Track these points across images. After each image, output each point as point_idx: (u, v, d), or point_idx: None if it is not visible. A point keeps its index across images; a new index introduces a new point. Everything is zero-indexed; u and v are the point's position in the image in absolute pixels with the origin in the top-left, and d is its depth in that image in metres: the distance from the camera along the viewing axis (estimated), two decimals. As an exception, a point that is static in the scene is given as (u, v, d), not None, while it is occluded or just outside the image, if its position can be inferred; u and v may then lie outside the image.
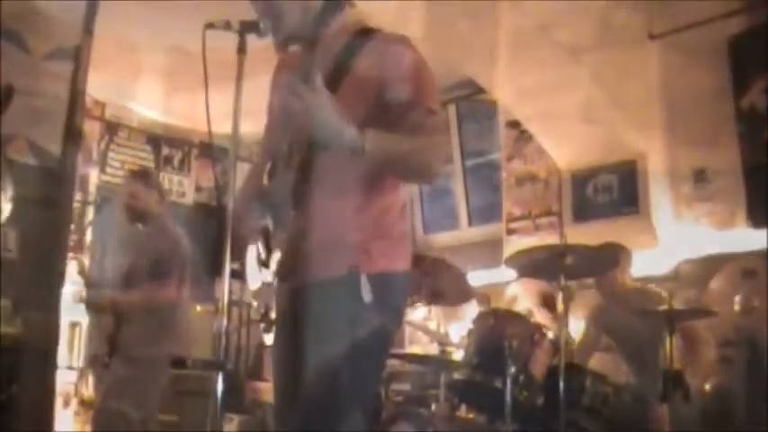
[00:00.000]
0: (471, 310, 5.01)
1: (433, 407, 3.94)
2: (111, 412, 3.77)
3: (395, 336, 1.93)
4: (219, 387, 1.69)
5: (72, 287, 6.07)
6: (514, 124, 5.63)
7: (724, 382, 4.20)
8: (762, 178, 4.40)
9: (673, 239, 4.76)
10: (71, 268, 6.02)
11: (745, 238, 4.44)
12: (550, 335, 3.53)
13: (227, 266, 1.68)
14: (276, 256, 1.82)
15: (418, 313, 5.93)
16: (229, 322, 1.70)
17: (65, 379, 6.01)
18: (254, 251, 1.93)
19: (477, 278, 5.45)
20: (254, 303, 1.89)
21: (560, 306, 3.47)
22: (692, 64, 4.84)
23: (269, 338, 1.83)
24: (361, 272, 1.77)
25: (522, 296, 5.17)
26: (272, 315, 1.81)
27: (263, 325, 1.84)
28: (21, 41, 2.99)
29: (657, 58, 5.00)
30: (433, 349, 4.90)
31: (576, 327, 4.67)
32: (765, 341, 4.01)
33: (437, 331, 4.89)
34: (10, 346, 2.85)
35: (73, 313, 6.26)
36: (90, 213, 6.35)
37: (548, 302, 4.26)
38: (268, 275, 1.84)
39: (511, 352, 3.28)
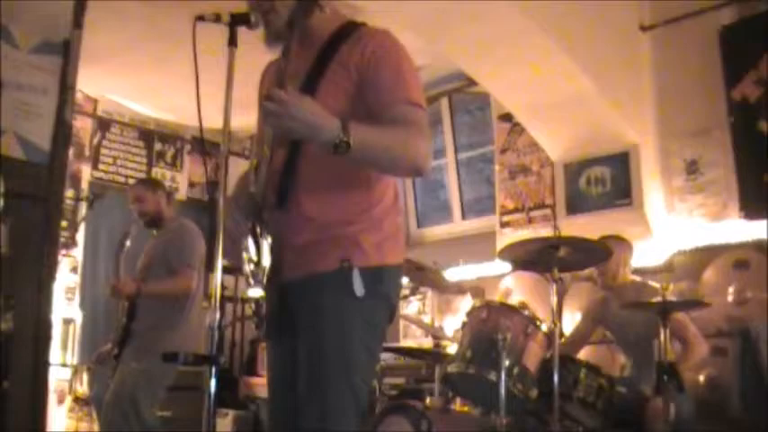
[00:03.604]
0: (465, 303, 5.01)
1: (428, 400, 3.94)
2: (123, 405, 3.76)
3: (387, 330, 1.91)
4: (213, 382, 1.68)
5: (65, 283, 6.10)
6: (507, 117, 5.63)
7: (717, 372, 4.22)
8: (754, 169, 4.41)
9: (666, 231, 4.76)
10: (63, 264, 6.04)
11: (737, 230, 4.44)
12: (544, 327, 3.53)
13: (220, 261, 1.67)
14: (265, 252, 1.79)
15: (412, 307, 5.94)
16: (222, 317, 1.69)
17: (59, 376, 6.00)
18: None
19: (470, 271, 5.46)
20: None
21: (553, 298, 3.47)
22: (683, 55, 4.85)
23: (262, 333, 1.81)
24: (353, 266, 1.75)
25: (515, 289, 5.17)
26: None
27: (255, 319, 1.82)
28: (7, 35, 2.96)
29: (649, 50, 5.01)
30: (428, 343, 4.90)
31: (571, 319, 4.68)
32: (758, 332, 4.02)
33: (431, 325, 4.89)
34: (1, 343, 2.83)
35: (66, 310, 6.26)
36: (83, 209, 6.32)
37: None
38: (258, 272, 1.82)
39: (504, 345, 3.28)
